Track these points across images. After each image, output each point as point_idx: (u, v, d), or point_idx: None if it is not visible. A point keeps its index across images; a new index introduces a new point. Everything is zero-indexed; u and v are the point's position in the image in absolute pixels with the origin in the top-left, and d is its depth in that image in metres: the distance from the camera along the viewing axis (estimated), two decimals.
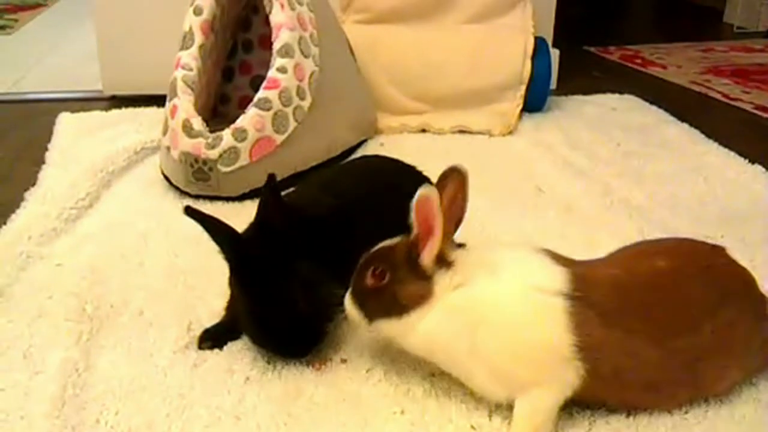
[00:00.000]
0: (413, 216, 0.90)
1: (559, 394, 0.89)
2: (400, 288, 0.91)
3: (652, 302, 0.91)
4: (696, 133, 1.90)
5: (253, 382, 0.99)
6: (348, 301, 0.96)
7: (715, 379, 0.94)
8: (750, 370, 0.98)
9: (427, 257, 0.90)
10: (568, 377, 0.88)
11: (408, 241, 0.92)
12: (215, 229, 1.00)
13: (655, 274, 0.94)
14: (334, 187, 1.17)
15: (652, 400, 0.93)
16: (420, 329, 0.91)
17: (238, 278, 1.02)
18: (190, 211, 1.00)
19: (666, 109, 2.09)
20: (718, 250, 0.99)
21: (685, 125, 1.96)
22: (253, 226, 1.05)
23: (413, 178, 1.24)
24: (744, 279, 0.98)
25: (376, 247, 0.95)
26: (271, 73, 1.58)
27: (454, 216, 0.93)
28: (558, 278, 0.90)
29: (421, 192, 0.88)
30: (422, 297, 0.90)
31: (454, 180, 0.93)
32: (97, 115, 2.04)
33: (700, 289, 0.93)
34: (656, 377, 0.91)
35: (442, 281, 0.90)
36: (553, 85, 2.20)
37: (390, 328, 0.93)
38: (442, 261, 0.91)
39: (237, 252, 1.00)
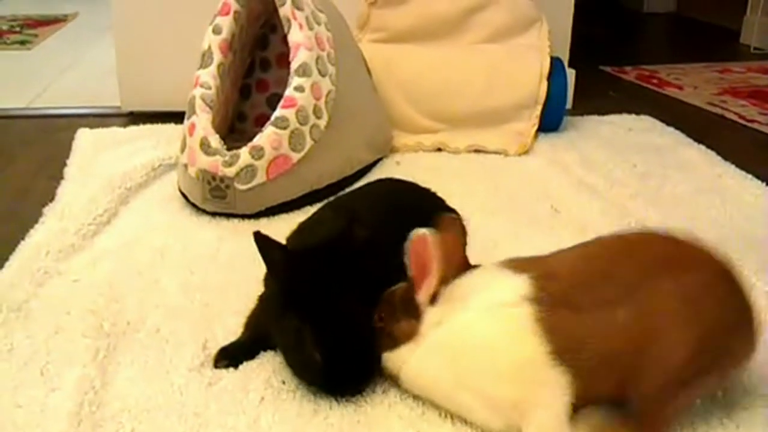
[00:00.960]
0: (409, 257, 0.92)
1: (560, 406, 0.88)
2: (394, 325, 0.96)
3: (611, 262, 0.92)
4: (713, 155, 1.89)
5: (268, 403, 0.99)
6: None
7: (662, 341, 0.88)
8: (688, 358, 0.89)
9: (423, 296, 0.94)
10: (560, 383, 0.87)
11: (407, 284, 0.96)
12: (277, 252, 0.99)
13: (608, 242, 0.96)
14: (358, 215, 1.14)
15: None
16: (410, 365, 0.95)
17: (300, 304, 0.97)
18: (258, 237, 0.98)
19: (682, 130, 2.08)
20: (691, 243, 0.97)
21: (702, 147, 1.95)
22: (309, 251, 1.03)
23: (432, 202, 1.24)
24: (729, 271, 0.94)
25: (386, 292, 1.00)
26: (289, 92, 1.59)
27: (454, 262, 0.95)
28: (520, 287, 0.90)
29: (416, 234, 0.90)
30: (410, 334, 0.94)
31: (452, 227, 0.95)
32: (115, 131, 2.06)
33: (663, 249, 0.93)
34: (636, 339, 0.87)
35: (427, 318, 0.94)
36: (569, 104, 2.20)
37: (388, 361, 0.98)
38: (434, 299, 0.94)
39: (301, 275, 0.98)
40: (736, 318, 0.92)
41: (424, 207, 1.22)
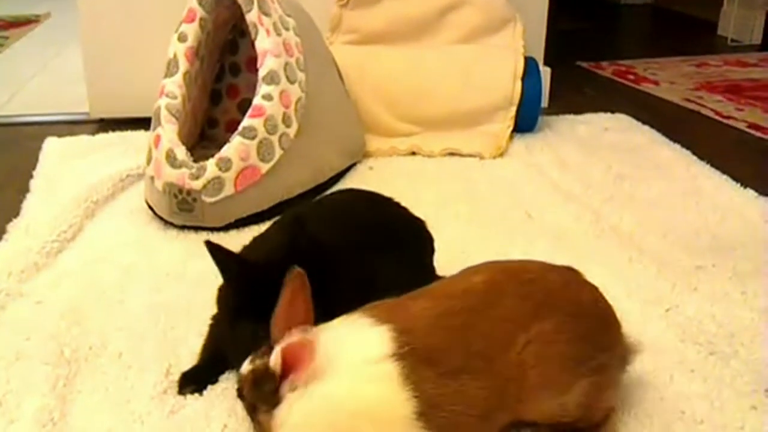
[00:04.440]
0: (278, 354, 0.83)
1: None
2: (255, 417, 0.86)
3: (466, 327, 0.87)
4: (688, 155, 1.88)
5: (231, 431, 0.96)
6: None
7: (525, 399, 0.88)
8: (573, 400, 0.89)
9: (287, 389, 0.83)
10: None
11: (255, 368, 0.86)
12: (231, 262, 0.98)
13: (466, 292, 0.91)
14: (309, 227, 1.07)
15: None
16: None
17: (255, 309, 0.94)
18: (210, 246, 0.98)
19: (658, 128, 2.07)
20: (559, 270, 0.96)
21: (677, 146, 1.93)
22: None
23: (393, 212, 1.22)
24: (583, 300, 0.93)
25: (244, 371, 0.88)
26: (257, 100, 1.56)
27: (294, 319, 0.86)
28: (381, 342, 0.85)
29: (302, 336, 0.82)
30: (274, 425, 0.84)
31: (293, 283, 0.88)
32: (83, 140, 2.02)
33: (513, 301, 0.89)
34: (486, 406, 0.86)
35: (287, 400, 0.83)
36: (544, 103, 2.18)
37: None
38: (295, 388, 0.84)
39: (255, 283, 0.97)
40: (598, 346, 0.91)
41: (385, 217, 1.20)
